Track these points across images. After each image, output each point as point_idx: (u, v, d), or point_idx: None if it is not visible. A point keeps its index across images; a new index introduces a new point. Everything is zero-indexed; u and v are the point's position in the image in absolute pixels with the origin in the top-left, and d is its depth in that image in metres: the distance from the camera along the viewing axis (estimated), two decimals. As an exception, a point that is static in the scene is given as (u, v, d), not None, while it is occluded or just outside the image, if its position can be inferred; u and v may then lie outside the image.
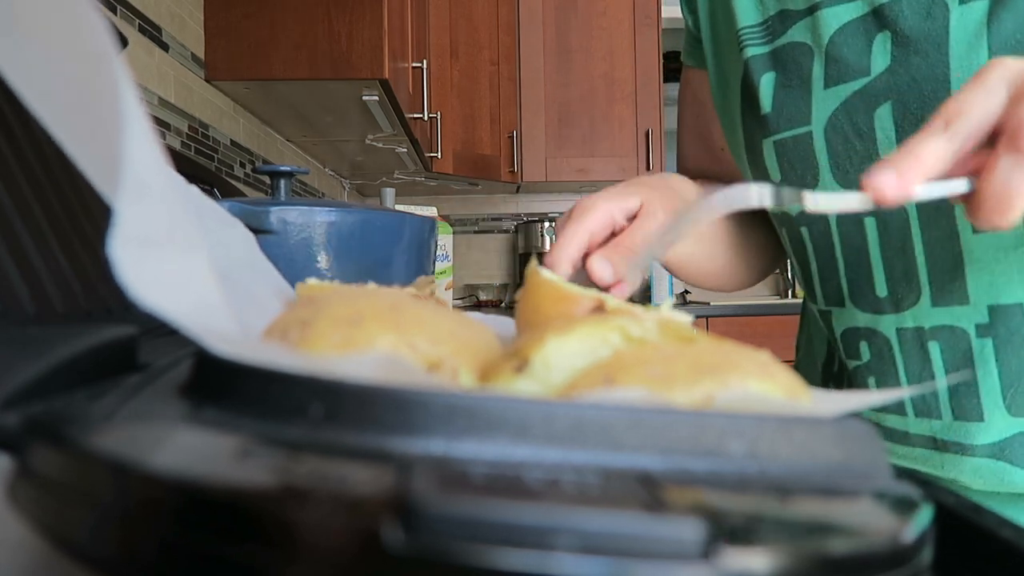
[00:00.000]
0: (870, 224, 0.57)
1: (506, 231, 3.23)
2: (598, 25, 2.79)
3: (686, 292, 3.08)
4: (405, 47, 1.90)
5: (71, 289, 0.38)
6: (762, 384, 0.21)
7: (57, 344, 0.22)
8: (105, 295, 0.42)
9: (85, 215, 0.44)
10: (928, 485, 0.22)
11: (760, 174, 0.63)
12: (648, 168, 2.75)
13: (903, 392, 0.24)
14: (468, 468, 0.15)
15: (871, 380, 0.60)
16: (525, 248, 3.01)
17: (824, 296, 0.62)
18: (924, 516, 0.17)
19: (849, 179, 0.56)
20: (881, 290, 0.58)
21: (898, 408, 0.58)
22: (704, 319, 2.50)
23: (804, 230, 0.61)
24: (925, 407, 0.57)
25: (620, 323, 0.23)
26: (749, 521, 0.15)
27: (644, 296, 2.84)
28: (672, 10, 2.81)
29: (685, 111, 0.78)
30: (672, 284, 2.77)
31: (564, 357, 0.21)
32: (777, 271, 3.24)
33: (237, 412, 0.17)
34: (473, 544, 0.12)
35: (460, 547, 0.12)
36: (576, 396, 0.20)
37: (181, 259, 0.20)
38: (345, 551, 0.13)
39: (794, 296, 3.06)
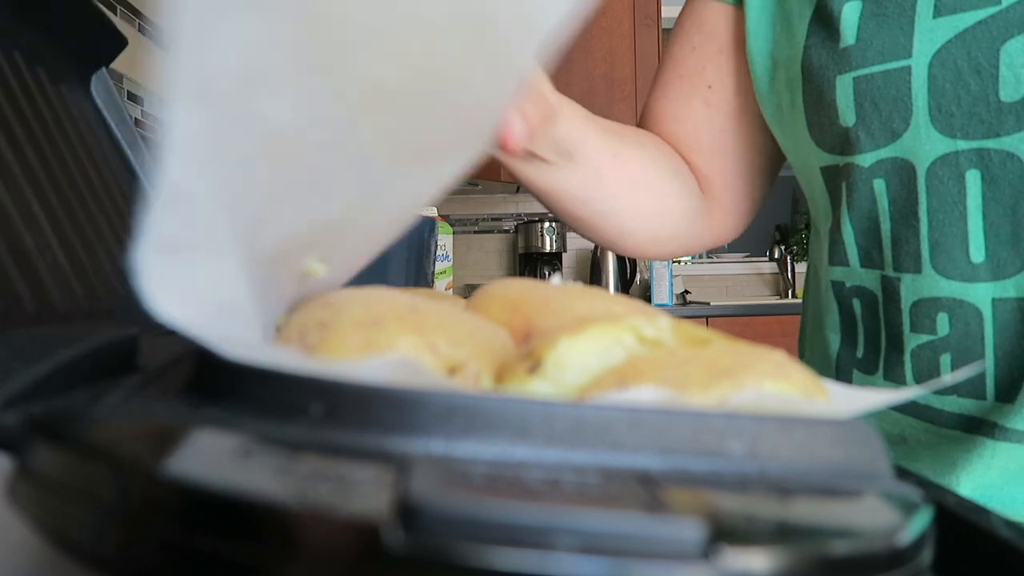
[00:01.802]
0: (973, 177, 0.49)
1: (506, 231, 3.23)
2: (598, 25, 2.79)
3: (686, 292, 3.08)
4: (405, 47, 1.89)
5: (71, 289, 0.38)
6: (777, 384, 0.21)
7: (57, 344, 0.22)
8: (105, 295, 0.42)
9: (85, 215, 0.44)
10: (928, 485, 0.23)
11: (823, 118, 0.55)
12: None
13: (910, 393, 0.23)
14: (468, 468, 0.15)
15: (946, 357, 0.52)
16: (525, 248, 3.01)
17: (895, 260, 0.54)
18: (924, 516, 0.17)
19: (953, 124, 0.49)
20: (978, 255, 0.50)
21: (977, 391, 0.51)
22: (704, 319, 2.50)
23: (880, 183, 0.54)
24: (1010, 387, 0.49)
25: (633, 323, 0.22)
26: (749, 521, 0.15)
27: (644, 296, 2.85)
28: (672, 10, 2.81)
29: (677, 45, 0.69)
30: (672, 285, 2.77)
31: (577, 357, 0.21)
32: (777, 271, 3.24)
33: (237, 412, 0.17)
34: (473, 544, 0.12)
35: (460, 547, 0.12)
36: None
37: (208, 264, 0.20)
38: (345, 551, 0.13)
39: (794, 296, 3.06)
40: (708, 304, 2.63)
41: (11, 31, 0.44)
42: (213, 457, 0.15)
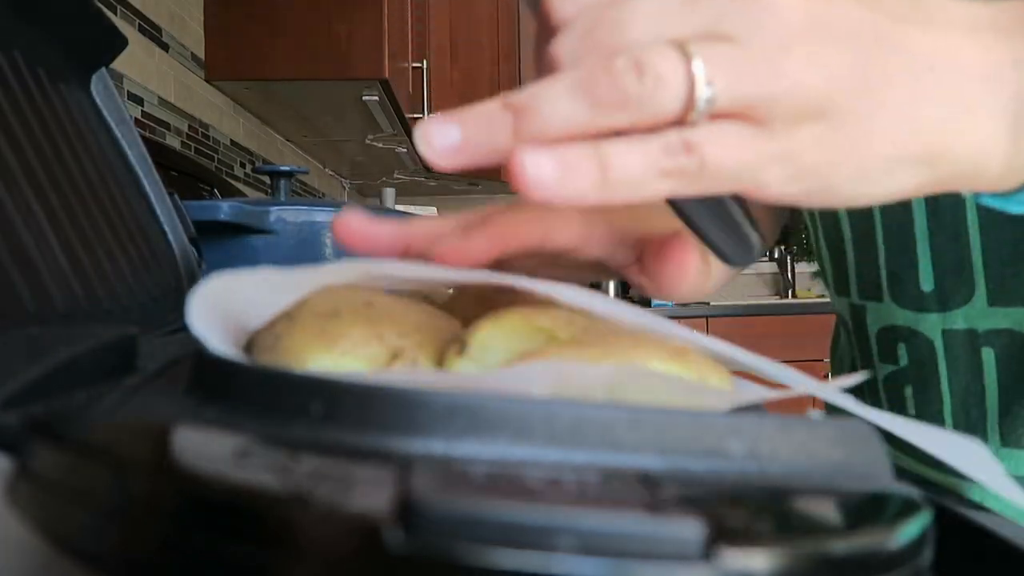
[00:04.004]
0: (917, 204, 0.49)
1: (506, 231, 3.22)
2: (598, 25, 2.78)
3: (686, 292, 3.07)
4: (405, 47, 1.90)
5: (71, 289, 0.38)
6: (668, 365, 0.22)
7: (57, 344, 0.22)
8: (105, 295, 0.42)
9: (85, 215, 0.44)
10: (928, 485, 0.22)
11: None
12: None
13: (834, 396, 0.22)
14: (468, 468, 0.15)
15: (908, 389, 0.52)
16: (525, 248, 3.00)
17: (859, 288, 0.55)
18: (924, 516, 0.17)
19: None
20: (926, 284, 0.50)
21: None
22: (704, 319, 2.50)
23: (842, 211, 0.54)
24: (969, 428, 0.49)
25: (548, 316, 0.25)
26: (749, 521, 0.15)
27: (644, 298, 2.84)
28: (672, 10, 2.80)
29: None
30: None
31: (498, 340, 0.24)
32: (777, 271, 3.24)
33: (237, 412, 0.17)
34: (473, 544, 0.12)
35: (460, 547, 0.12)
36: (498, 372, 0.22)
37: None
38: (345, 551, 0.13)
39: (794, 296, 3.05)
40: (708, 304, 2.63)
41: (11, 31, 0.44)
42: (213, 457, 0.15)
